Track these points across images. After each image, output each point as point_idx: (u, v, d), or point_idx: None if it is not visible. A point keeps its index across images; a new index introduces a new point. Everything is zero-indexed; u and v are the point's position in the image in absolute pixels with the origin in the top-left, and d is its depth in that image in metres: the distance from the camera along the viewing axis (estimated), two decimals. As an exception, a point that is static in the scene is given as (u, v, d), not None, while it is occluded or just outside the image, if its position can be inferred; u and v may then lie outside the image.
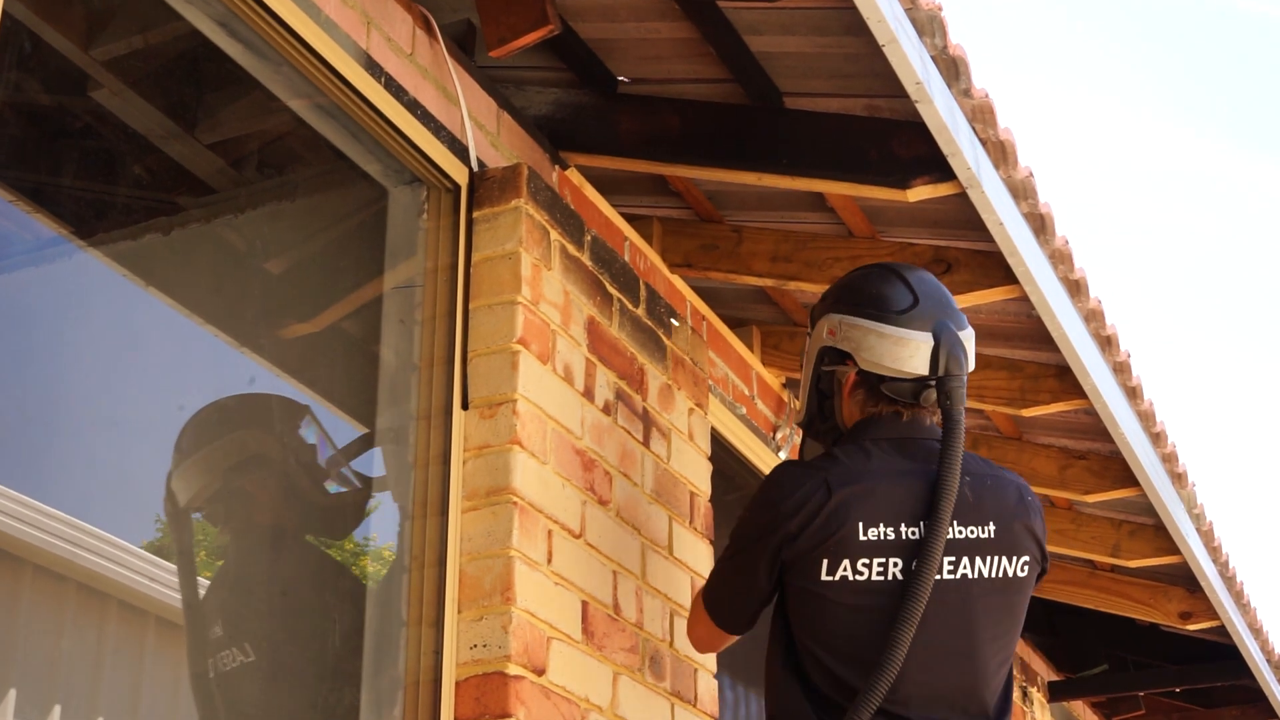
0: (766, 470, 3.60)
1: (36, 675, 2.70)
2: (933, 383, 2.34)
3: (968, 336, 2.39)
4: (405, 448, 2.66)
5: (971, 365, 2.39)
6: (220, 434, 2.90)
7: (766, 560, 2.33)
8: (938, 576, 2.24)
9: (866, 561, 2.25)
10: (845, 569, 2.25)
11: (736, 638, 2.54)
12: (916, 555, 2.24)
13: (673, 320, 3.23)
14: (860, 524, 2.26)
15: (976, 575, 2.28)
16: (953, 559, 2.27)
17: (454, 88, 2.79)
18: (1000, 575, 2.30)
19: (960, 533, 2.28)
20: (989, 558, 2.29)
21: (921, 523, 2.25)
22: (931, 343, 2.33)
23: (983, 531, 2.30)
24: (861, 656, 2.22)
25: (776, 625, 2.39)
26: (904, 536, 2.26)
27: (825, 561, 2.26)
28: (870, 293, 2.41)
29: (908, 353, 2.34)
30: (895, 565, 2.25)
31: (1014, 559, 2.31)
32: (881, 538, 2.26)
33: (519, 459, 2.58)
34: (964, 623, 2.27)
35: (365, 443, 3.01)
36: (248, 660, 2.68)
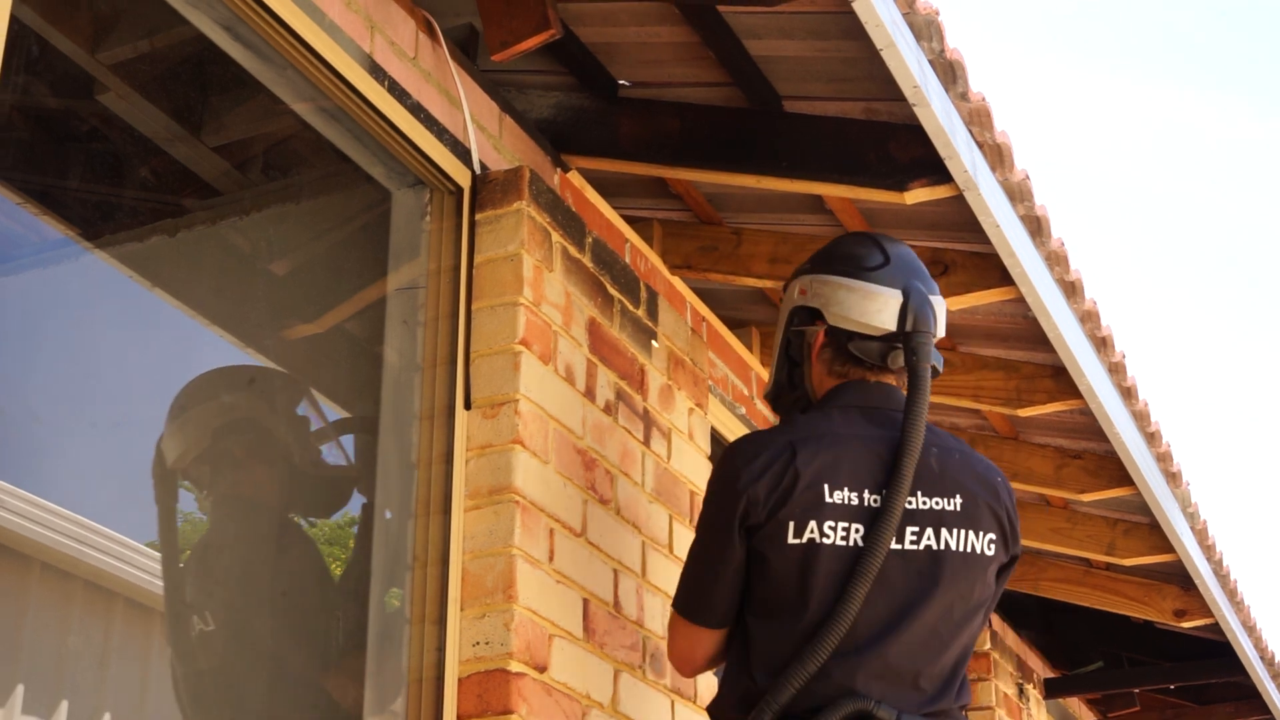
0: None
1: (44, 672, 2.72)
2: (900, 342, 2.33)
3: (938, 301, 2.38)
4: (408, 447, 2.69)
5: (941, 330, 2.37)
6: (213, 396, 2.90)
7: (739, 531, 2.27)
8: (900, 546, 2.21)
9: (832, 524, 2.21)
10: (812, 531, 2.21)
11: (719, 644, 2.39)
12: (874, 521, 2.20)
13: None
14: (826, 485, 2.23)
15: (942, 547, 2.25)
16: (916, 529, 2.24)
17: (456, 91, 2.82)
18: (967, 549, 2.26)
19: (925, 503, 2.25)
20: (955, 530, 2.26)
21: (883, 490, 2.23)
22: (900, 298, 2.33)
23: (948, 503, 2.27)
24: (815, 622, 2.18)
25: None
26: (866, 503, 2.22)
27: (792, 524, 2.22)
28: (842, 253, 2.43)
29: (876, 307, 2.33)
30: (857, 531, 2.21)
31: (980, 534, 2.28)
32: (845, 501, 2.22)
33: (521, 458, 2.61)
34: (924, 594, 2.22)
35: (352, 424, 3.03)
36: (206, 629, 2.68)
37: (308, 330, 3.17)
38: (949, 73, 2.76)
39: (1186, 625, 5.20)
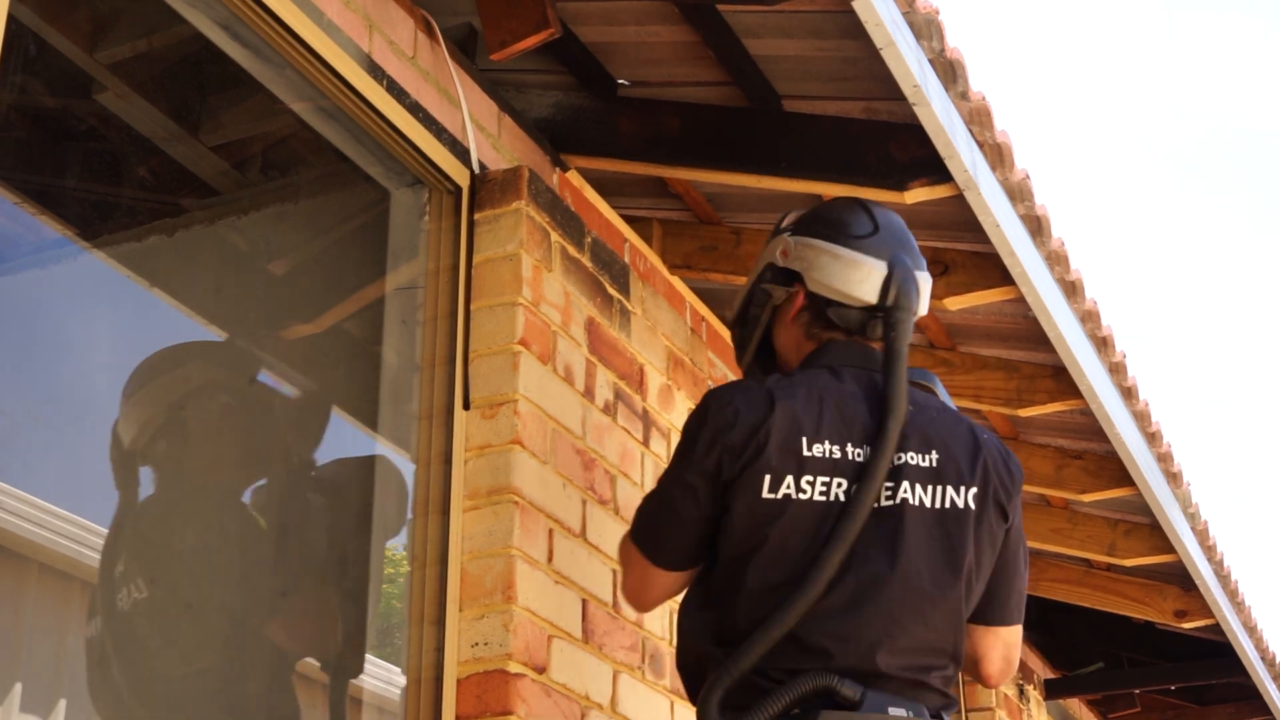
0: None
1: (41, 671, 2.73)
2: (880, 313, 2.25)
3: (924, 278, 2.31)
4: (408, 447, 2.69)
5: (924, 308, 2.30)
6: (165, 370, 2.85)
7: (708, 478, 2.17)
8: (875, 504, 2.10)
9: (810, 479, 2.12)
10: (789, 486, 2.11)
11: (674, 585, 2.28)
12: (859, 477, 2.11)
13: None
14: (805, 439, 2.13)
15: (917, 502, 2.14)
16: (891, 484, 2.14)
17: (455, 90, 2.82)
18: (945, 505, 2.16)
19: (900, 458, 2.15)
20: (930, 486, 2.16)
21: (866, 445, 2.13)
22: (885, 270, 2.25)
23: (924, 459, 2.17)
24: (786, 579, 2.07)
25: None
26: (850, 456, 2.13)
27: (768, 477, 2.11)
28: (831, 218, 2.34)
29: (859, 276, 2.25)
30: (839, 485, 2.11)
31: (961, 489, 2.17)
32: (827, 454, 2.13)
33: (520, 459, 2.61)
34: (899, 552, 2.11)
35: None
36: (140, 596, 2.64)
37: (306, 330, 3.18)
38: (949, 72, 2.76)
39: (1187, 626, 5.20)
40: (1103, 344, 3.68)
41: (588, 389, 2.88)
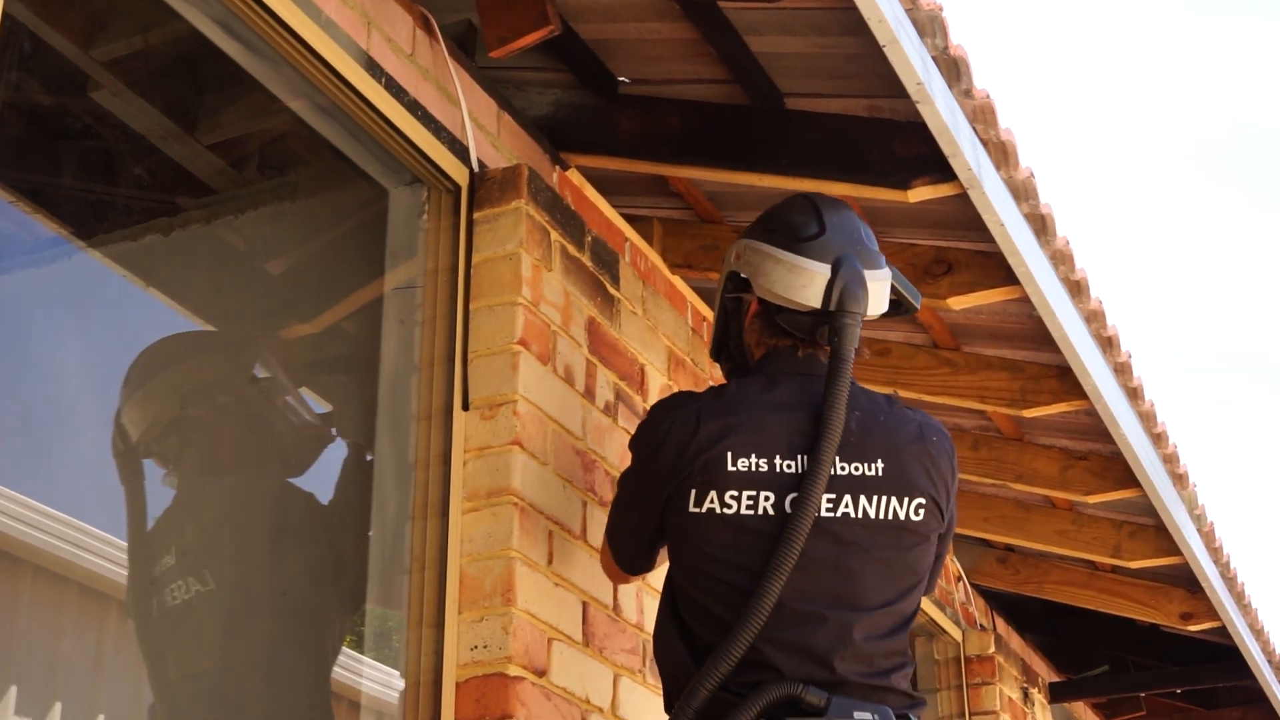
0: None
1: (37, 674, 2.71)
2: (827, 318, 2.23)
3: (878, 276, 2.27)
4: (406, 448, 2.67)
5: (877, 309, 2.28)
6: (172, 363, 2.84)
7: (646, 496, 2.25)
8: (816, 514, 2.10)
9: (735, 494, 2.13)
10: (712, 501, 2.14)
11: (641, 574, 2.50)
12: (791, 490, 2.11)
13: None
14: (729, 454, 2.14)
15: (860, 515, 2.14)
16: (832, 496, 2.13)
17: (454, 88, 2.80)
18: (889, 517, 2.15)
19: (843, 469, 2.15)
20: (875, 497, 2.15)
21: (800, 456, 2.13)
22: (828, 275, 2.22)
23: (868, 469, 2.16)
24: (734, 595, 2.09)
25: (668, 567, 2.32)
26: (778, 469, 2.13)
27: (693, 492, 2.15)
28: (781, 219, 2.33)
29: (801, 282, 2.22)
30: (766, 499, 2.11)
31: (905, 500, 2.16)
32: (753, 469, 2.13)
33: (519, 460, 2.59)
34: (845, 565, 2.12)
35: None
36: (205, 589, 2.64)
37: (304, 330, 3.17)
38: (952, 69, 2.74)
39: (1193, 628, 5.17)
40: (1108, 344, 3.65)
41: (588, 389, 2.86)
